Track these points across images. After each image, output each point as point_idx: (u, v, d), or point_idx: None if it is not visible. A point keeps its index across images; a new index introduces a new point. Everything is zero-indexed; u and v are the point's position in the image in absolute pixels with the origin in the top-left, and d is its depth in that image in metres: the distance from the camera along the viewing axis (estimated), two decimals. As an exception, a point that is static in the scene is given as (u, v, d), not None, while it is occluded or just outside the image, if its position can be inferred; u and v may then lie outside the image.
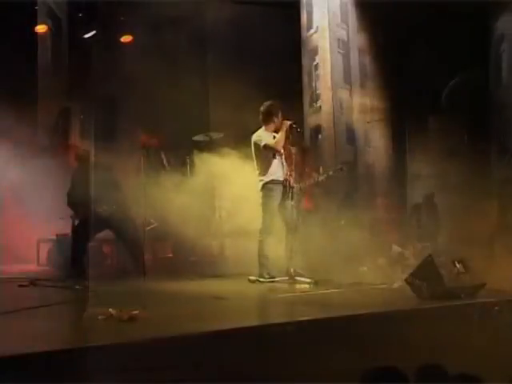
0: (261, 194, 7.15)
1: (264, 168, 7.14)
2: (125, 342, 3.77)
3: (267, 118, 7.21)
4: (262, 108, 7.27)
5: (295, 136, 7.62)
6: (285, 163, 7.21)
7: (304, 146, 9.02)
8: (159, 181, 9.02)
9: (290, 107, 9.29)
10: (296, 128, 7.19)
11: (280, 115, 7.20)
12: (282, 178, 7.15)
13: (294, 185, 7.19)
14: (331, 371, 4.11)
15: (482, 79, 8.55)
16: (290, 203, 7.10)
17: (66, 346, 3.66)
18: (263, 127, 7.25)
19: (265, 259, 7.03)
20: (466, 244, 6.83)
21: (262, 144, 7.10)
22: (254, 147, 7.17)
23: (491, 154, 8.44)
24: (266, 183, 7.12)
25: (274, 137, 7.17)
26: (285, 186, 7.14)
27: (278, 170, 7.14)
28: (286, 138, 7.14)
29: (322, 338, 4.31)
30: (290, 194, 7.11)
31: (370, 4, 9.52)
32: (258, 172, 7.19)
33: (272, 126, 7.20)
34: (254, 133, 7.24)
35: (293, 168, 7.27)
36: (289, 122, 7.12)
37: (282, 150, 7.19)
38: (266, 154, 7.13)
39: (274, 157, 7.11)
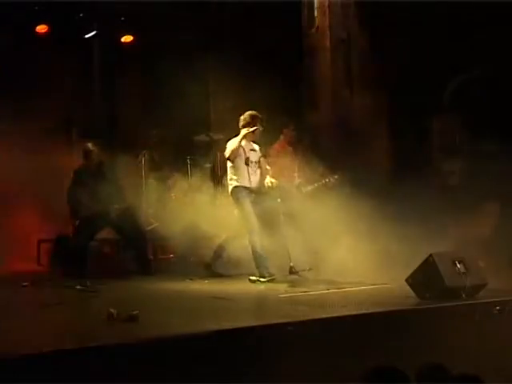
0: (232, 200, 7.17)
1: (232, 173, 7.18)
2: (125, 341, 3.77)
3: (242, 127, 7.21)
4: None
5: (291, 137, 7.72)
6: (258, 171, 7.25)
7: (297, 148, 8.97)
8: (160, 180, 9.05)
9: (292, 107, 9.33)
10: (254, 131, 7.12)
11: (253, 124, 7.14)
12: (250, 185, 7.17)
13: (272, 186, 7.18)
14: (331, 371, 4.12)
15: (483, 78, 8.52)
16: (268, 206, 7.15)
17: (66, 346, 3.66)
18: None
19: (262, 259, 7.01)
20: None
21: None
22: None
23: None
24: (235, 187, 7.15)
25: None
26: (257, 193, 7.18)
27: (246, 176, 7.16)
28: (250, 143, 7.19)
29: (322, 338, 4.30)
30: (266, 198, 7.15)
31: (370, 4, 9.51)
32: (228, 177, 7.23)
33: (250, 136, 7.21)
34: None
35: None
36: (249, 130, 7.10)
37: (264, 159, 7.26)
38: (235, 161, 7.15)
39: (246, 163, 7.16)
